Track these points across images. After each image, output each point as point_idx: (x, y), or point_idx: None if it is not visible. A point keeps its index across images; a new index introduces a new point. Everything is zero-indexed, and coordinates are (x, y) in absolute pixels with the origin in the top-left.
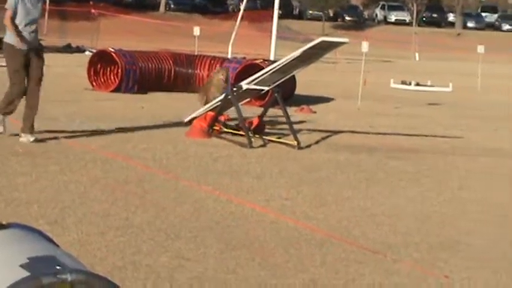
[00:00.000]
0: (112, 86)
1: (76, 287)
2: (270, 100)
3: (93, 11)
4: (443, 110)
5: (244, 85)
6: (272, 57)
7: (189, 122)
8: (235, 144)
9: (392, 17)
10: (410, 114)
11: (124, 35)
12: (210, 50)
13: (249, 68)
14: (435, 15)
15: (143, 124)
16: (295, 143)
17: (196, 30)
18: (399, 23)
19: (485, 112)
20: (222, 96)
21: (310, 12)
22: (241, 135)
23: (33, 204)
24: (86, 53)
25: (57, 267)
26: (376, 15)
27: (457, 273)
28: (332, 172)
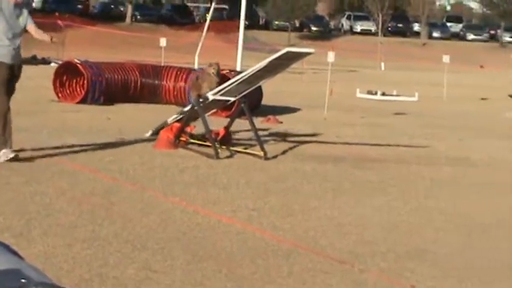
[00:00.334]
0: (78, 97)
1: None
2: (237, 111)
3: (59, 22)
4: (409, 120)
5: (210, 96)
6: (238, 68)
7: (155, 134)
8: (201, 155)
9: (358, 27)
10: (377, 123)
11: (90, 46)
12: (177, 61)
13: None
14: (400, 25)
15: (110, 135)
16: (262, 154)
17: (163, 41)
18: (365, 33)
19: (450, 122)
20: (188, 107)
21: (276, 22)
22: (208, 146)
23: None
24: (52, 64)
25: (22, 281)
26: (342, 25)
27: (423, 282)
28: (299, 182)
